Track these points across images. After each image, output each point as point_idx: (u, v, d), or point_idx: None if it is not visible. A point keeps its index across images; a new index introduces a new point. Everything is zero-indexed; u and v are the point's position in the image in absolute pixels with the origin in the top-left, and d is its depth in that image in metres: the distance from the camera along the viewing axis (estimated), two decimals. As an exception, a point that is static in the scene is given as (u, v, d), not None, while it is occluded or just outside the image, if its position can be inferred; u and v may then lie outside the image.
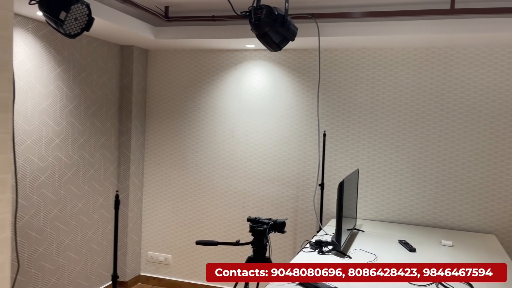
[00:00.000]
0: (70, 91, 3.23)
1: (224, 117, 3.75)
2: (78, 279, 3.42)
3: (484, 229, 3.17)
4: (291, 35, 2.40)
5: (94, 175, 3.52)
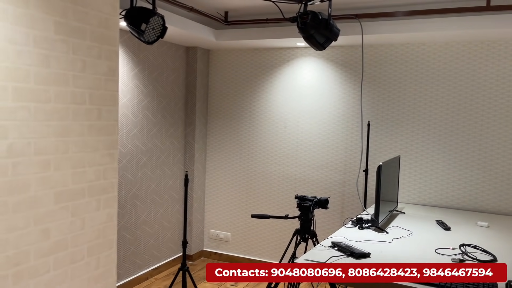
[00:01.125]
0: (145, 88, 3.78)
1: (277, 109, 4.15)
2: (152, 250, 3.99)
3: (525, 214, 3.32)
4: (334, 36, 2.74)
5: (164, 161, 4.06)
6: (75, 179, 1.56)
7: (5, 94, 1.28)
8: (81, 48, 1.56)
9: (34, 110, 1.38)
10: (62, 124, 1.49)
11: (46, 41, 1.42)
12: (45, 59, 1.43)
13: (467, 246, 2.47)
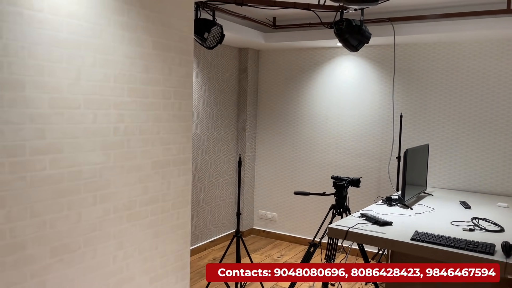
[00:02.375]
0: (204, 85, 4.40)
1: (319, 102, 4.63)
2: (209, 225, 4.62)
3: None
4: (365, 40, 3.19)
5: (220, 148, 4.68)
6: (164, 153, 2.15)
7: (122, 92, 1.88)
8: (168, 58, 2.14)
9: (139, 103, 1.97)
10: (156, 113, 2.08)
11: (147, 55, 2.01)
12: (146, 67, 2.01)
13: (479, 219, 2.86)
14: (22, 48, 1.50)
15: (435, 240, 2.39)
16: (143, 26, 1.98)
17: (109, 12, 1.80)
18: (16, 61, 1.50)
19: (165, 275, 2.23)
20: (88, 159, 1.78)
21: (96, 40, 1.77)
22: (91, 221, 1.81)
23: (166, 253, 2.22)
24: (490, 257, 2.20)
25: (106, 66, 1.83)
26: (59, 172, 1.61)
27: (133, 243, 2.02)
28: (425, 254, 2.36)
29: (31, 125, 1.53)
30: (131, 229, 2.00)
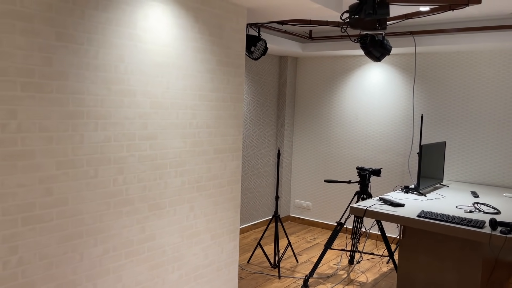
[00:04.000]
0: (248, 89, 5.09)
1: (349, 104, 5.22)
2: (251, 210, 5.32)
3: (554, 191, 4.03)
4: (387, 52, 3.76)
5: (261, 144, 5.36)
6: (223, 142, 2.84)
7: (195, 97, 2.58)
8: (226, 72, 2.82)
9: (206, 105, 2.66)
10: (218, 112, 2.78)
11: (212, 70, 2.70)
12: (211, 79, 2.71)
13: (480, 204, 3.38)
14: (135, 68, 2.22)
15: (436, 217, 2.96)
16: (210, 49, 2.67)
17: (187, 41, 2.50)
18: (132, 77, 2.22)
19: (221, 234, 2.92)
20: (172, 144, 2.49)
21: (179, 61, 2.48)
22: (174, 189, 2.52)
23: (223, 218, 2.91)
24: (479, 230, 2.75)
25: (185, 79, 2.53)
26: (156, 153, 2.33)
27: (200, 207, 2.71)
28: (428, 228, 2.93)
29: (139, 120, 2.25)
30: (199, 197, 2.70)
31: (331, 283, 3.82)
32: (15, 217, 1.78)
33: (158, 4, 2.33)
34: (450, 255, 3.13)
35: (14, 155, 1.78)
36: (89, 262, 2.10)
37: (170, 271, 2.55)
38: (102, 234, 2.15)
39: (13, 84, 1.76)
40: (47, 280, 1.91)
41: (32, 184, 1.85)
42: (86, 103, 2.03)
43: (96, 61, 2.05)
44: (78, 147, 2.01)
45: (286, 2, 2.74)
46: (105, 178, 2.14)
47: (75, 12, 1.94)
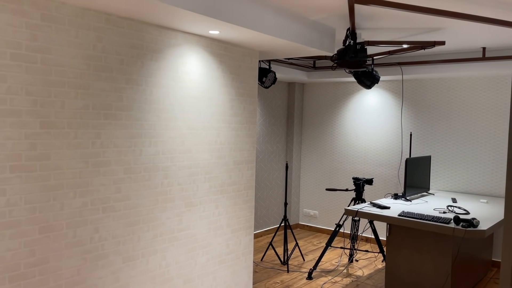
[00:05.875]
0: (261, 111, 5.88)
1: (350, 124, 5.96)
2: (264, 217, 6.04)
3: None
4: (376, 81, 4.52)
5: (272, 159, 6.12)
6: (240, 155, 3.60)
7: (219, 121, 3.37)
8: (243, 101, 3.61)
9: (228, 127, 3.44)
10: (237, 132, 3.55)
11: (232, 99, 3.49)
12: (231, 106, 3.49)
13: (454, 207, 4.06)
14: (177, 101, 3.00)
15: (413, 216, 3.67)
16: (230, 84, 3.47)
17: (214, 78, 3.30)
18: (174, 108, 3.00)
19: (239, 229, 3.66)
20: (202, 157, 3.26)
21: (208, 94, 3.27)
22: (203, 191, 3.26)
23: (240, 216, 3.65)
24: (445, 225, 3.45)
25: (212, 107, 3.32)
26: (190, 164, 3.10)
27: (223, 207, 3.46)
28: (406, 224, 3.63)
29: (179, 139, 3.03)
30: (222, 199, 3.45)
31: (331, 276, 4.51)
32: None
33: (193, 53, 3.15)
34: (427, 248, 3.81)
35: (97, 163, 2.58)
36: (144, 243, 2.87)
37: (200, 255, 3.30)
38: (154, 222, 2.93)
39: (98, 114, 2.57)
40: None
41: (108, 184, 2.64)
42: (144, 127, 2.83)
43: (151, 97, 2.86)
44: (138, 158, 2.81)
45: (288, 47, 3.53)
46: (156, 181, 2.93)
47: (137, 63, 2.77)
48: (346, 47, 3.29)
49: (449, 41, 4.16)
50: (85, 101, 2.51)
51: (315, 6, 3.10)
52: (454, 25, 3.56)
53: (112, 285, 2.70)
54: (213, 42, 3.30)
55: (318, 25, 3.61)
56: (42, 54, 2.31)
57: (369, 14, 3.25)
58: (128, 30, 2.70)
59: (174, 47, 3.01)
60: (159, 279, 2.99)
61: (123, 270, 2.76)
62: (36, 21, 2.28)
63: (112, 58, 2.63)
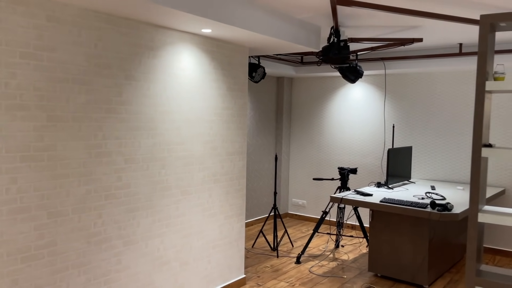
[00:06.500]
0: (252, 105, 6.10)
1: (336, 116, 6.21)
2: (255, 207, 6.28)
3: (501, 185, 4.98)
4: (360, 75, 4.76)
5: (263, 151, 6.35)
6: (232, 147, 3.82)
7: (211, 114, 3.59)
8: (234, 95, 3.82)
9: (220, 120, 3.65)
10: (228, 125, 3.76)
11: (223, 94, 3.70)
12: (223, 101, 3.69)
13: (432, 193, 4.34)
14: (173, 95, 3.20)
15: (393, 201, 3.93)
16: (222, 79, 3.68)
17: (206, 74, 3.51)
18: (171, 102, 3.20)
19: (231, 216, 3.89)
20: (197, 148, 3.47)
21: (201, 89, 3.47)
22: (198, 180, 3.48)
23: (233, 204, 3.88)
24: (423, 209, 3.71)
25: (205, 101, 3.53)
26: (187, 155, 3.31)
27: (216, 195, 3.68)
28: (387, 209, 3.90)
29: (175, 131, 3.24)
30: (215, 187, 3.68)
31: (318, 260, 4.77)
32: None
33: (187, 51, 3.35)
34: (406, 231, 4.08)
35: (99, 154, 2.79)
36: (143, 228, 3.08)
37: (196, 239, 3.53)
38: (152, 209, 3.14)
39: (100, 109, 2.77)
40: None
41: (110, 173, 2.85)
42: (142, 120, 3.04)
43: (148, 92, 3.07)
44: (137, 150, 3.01)
45: (277, 44, 3.75)
46: (154, 171, 3.14)
47: (135, 60, 2.96)
48: (330, 44, 3.52)
49: (427, 37, 4.41)
50: (88, 96, 2.71)
51: (301, 5, 3.32)
52: (431, 23, 3.80)
53: (114, 267, 2.92)
54: (205, 40, 3.50)
55: (305, 23, 3.83)
56: (48, 53, 2.50)
57: (352, 13, 3.48)
58: (126, 29, 2.90)
59: (170, 45, 3.21)
60: (157, 261, 3.21)
61: (124, 253, 2.98)
62: (42, 21, 2.47)
63: (112, 56, 2.82)
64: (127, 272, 3.00)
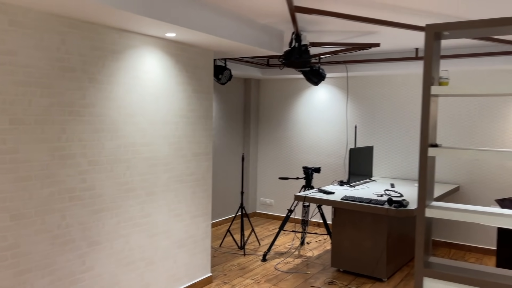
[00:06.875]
0: (220, 106, 6.18)
1: (302, 117, 6.38)
2: (223, 207, 6.37)
3: (456, 182, 5.26)
4: (322, 78, 4.93)
5: (231, 151, 6.44)
6: (198, 148, 3.90)
7: (176, 115, 3.66)
8: (200, 97, 3.90)
9: (185, 122, 3.74)
10: (194, 126, 3.84)
11: (189, 96, 3.77)
12: (188, 103, 3.77)
13: (390, 191, 4.55)
14: (136, 98, 3.26)
15: (353, 199, 4.11)
16: (187, 82, 3.76)
17: (171, 77, 3.58)
18: (134, 104, 3.26)
19: (197, 216, 3.98)
20: (162, 149, 3.54)
21: (166, 91, 3.54)
22: (163, 181, 3.54)
23: (198, 204, 3.97)
24: (381, 206, 3.91)
25: (170, 103, 3.60)
26: (151, 156, 3.37)
27: (182, 195, 3.75)
28: (347, 207, 4.07)
29: (139, 133, 3.29)
30: (181, 188, 3.75)
31: (284, 257, 4.91)
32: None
33: (151, 54, 3.41)
34: (366, 227, 4.27)
35: (63, 156, 2.82)
36: (108, 229, 3.13)
37: (161, 239, 3.59)
38: (117, 210, 3.19)
39: (63, 111, 2.80)
40: (85, 236, 2.93)
41: (74, 174, 2.88)
42: (106, 122, 3.08)
43: (112, 94, 3.11)
44: (101, 151, 3.06)
45: (241, 48, 3.86)
46: (118, 172, 3.18)
47: (98, 64, 3.01)
48: (292, 48, 3.66)
49: (385, 42, 4.62)
50: (51, 99, 2.73)
51: (263, 12, 3.44)
52: (387, 29, 4.00)
53: (79, 268, 2.95)
54: (170, 43, 3.57)
55: (268, 28, 3.96)
56: (10, 56, 2.52)
57: (313, 19, 3.63)
58: (89, 33, 2.94)
59: (133, 48, 3.26)
60: (123, 262, 3.26)
61: (89, 254, 3.02)
62: (4, 25, 2.48)
63: (75, 59, 2.86)
64: (92, 273, 3.04)
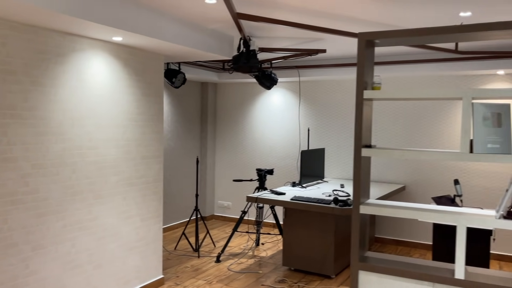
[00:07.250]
0: (175, 110, 6.21)
1: (257, 120, 6.50)
2: (179, 210, 6.38)
3: (402, 182, 5.52)
4: (274, 82, 5.06)
5: (187, 154, 6.48)
6: (147, 151, 3.93)
7: (125, 119, 3.68)
8: (150, 100, 3.93)
9: (134, 125, 3.77)
10: (143, 129, 3.87)
11: (138, 99, 3.79)
12: (137, 106, 3.79)
13: (338, 191, 4.74)
14: (83, 100, 3.26)
15: (302, 199, 4.25)
16: (136, 85, 3.79)
17: (119, 80, 3.60)
18: (81, 106, 3.25)
19: (148, 218, 4.00)
20: (110, 152, 3.55)
21: (114, 94, 3.56)
22: (112, 184, 3.55)
23: (150, 206, 3.99)
24: (327, 205, 4.07)
25: (118, 106, 3.61)
26: (99, 159, 3.37)
27: (132, 198, 3.77)
28: (297, 206, 4.21)
29: (86, 136, 3.30)
30: (130, 191, 3.76)
31: (238, 258, 5.00)
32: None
33: (98, 57, 3.43)
34: (314, 226, 4.43)
35: (5, 159, 2.79)
36: (53, 232, 3.11)
37: (110, 242, 3.59)
38: (63, 213, 3.18)
39: (4, 114, 2.78)
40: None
41: (16, 178, 2.86)
42: (50, 125, 3.07)
43: (56, 97, 3.11)
44: (45, 155, 3.04)
45: (190, 52, 3.93)
46: (64, 175, 3.18)
47: (41, 67, 3.00)
48: (240, 53, 3.77)
49: (332, 48, 4.82)
50: (-9, 102, 2.71)
51: (211, 17, 3.52)
52: (332, 36, 4.18)
53: (22, 272, 2.92)
54: (118, 47, 3.60)
55: (217, 33, 4.05)
56: None
57: (260, 26, 3.75)
58: (31, 36, 2.93)
59: (79, 52, 3.27)
60: (68, 265, 3.25)
61: (33, 257, 2.99)
62: None
63: (17, 62, 2.85)
64: (36, 276, 3.01)
